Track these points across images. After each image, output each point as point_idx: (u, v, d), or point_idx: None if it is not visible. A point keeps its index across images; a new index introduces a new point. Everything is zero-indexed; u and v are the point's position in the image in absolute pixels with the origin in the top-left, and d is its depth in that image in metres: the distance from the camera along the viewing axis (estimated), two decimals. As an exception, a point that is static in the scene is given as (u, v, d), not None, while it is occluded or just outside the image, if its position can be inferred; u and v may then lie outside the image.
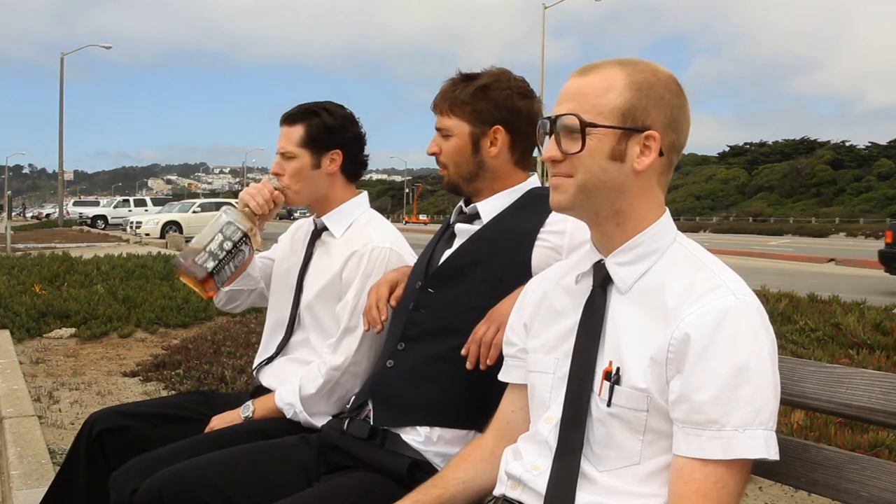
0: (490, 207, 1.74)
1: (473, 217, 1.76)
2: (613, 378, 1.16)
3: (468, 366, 1.56)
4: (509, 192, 1.75)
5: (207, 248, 1.81)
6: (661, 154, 1.18)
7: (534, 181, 1.79)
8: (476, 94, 1.71)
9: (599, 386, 1.18)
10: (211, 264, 1.82)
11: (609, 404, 1.16)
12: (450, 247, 1.76)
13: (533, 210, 1.70)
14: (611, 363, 1.17)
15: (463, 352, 1.58)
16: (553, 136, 1.19)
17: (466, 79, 1.74)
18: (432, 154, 1.79)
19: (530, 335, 1.35)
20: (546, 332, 1.31)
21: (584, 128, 1.16)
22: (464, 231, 1.75)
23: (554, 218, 1.65)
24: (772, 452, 1.08)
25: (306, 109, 2.07)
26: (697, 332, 1.09)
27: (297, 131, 2.04)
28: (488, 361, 1.54)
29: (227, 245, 1.83)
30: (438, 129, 1.77)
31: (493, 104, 1.71)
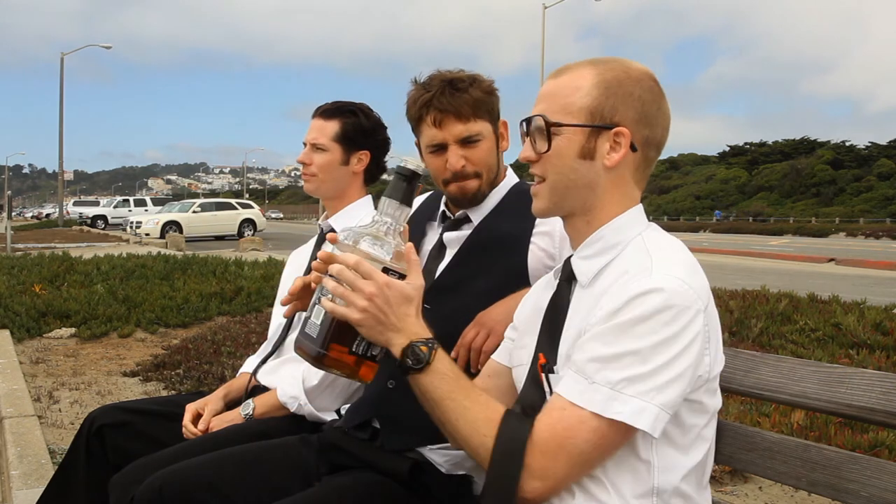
0: (480, 209, 1.71)
1: (461, 222, 1.72)
2: (546, 368, 1.19)
3: None
4: (496, 189, 1.73)
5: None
6: (633, 149, 1.20)
7: (511, 174, 1.77)
8: (488, 89, 1.68)
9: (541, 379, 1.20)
10: (376, 349, 1.20)
11: (550, 393, 1.18)
12: (441, 258, 1.71)
13: (521, 210, 1.66)
14: (542, 355, 1.20)
15: (451, 355, 1.57)
16: (529, 138, 1.24)
17: (461, 80, 1.67)
18: (462, 168, 1.65)
19: (518, 333, 1.38)
20: (530, 328, 1.32)
21: (548, 128, 1.20)
22: (454, 240, 1.70)
23: (541, 219, 1.65)
24: (612, 413, 1.06)
25: (343, 107, 2.12)
26: (609, 307, 1.11)
27: (333, 126, 2.10)
28: (479, 366, 1.53)
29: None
30: (464, 140, 1.64)
31: (497, 100, 1.70)
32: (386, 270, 1.16)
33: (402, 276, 1.18)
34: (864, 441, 3.02)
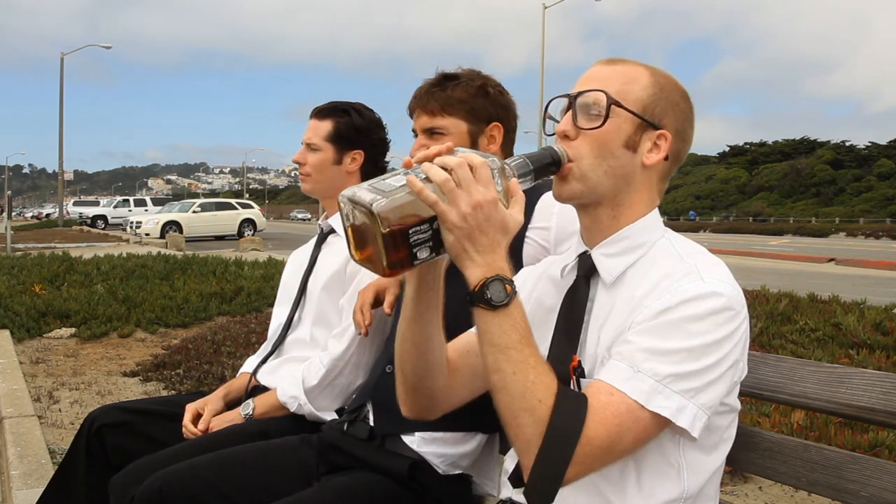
0: None
1: None
2: (578, 372, 1.16)
3: None
4: None
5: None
6: (666, 157, 1.20)
7: None
8: (473, 91, 1.69)
9: (570, 381, 1.17)
10: (423, 253, 1.05)
11: None
12: None
13: None
14: (574, 358, 1.17)
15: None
16: (569, 113, 1.18)
17: (451, 78, 1.71)
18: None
19: None
20: (536, 329, 1.29)
21: (609, 105, 1.16)
22: None
23: (538, 214, 1.64)
24: (654, 406, 1.04)
25: (337, 107, 2.14)
26: (657, 306, 1.08)
27: (326, 126, 2.11)
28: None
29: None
30: (427, 130, 1.70)
31: (490, 101, 1.70)
32: None
33: None
34: (864, 441, 3.02)
